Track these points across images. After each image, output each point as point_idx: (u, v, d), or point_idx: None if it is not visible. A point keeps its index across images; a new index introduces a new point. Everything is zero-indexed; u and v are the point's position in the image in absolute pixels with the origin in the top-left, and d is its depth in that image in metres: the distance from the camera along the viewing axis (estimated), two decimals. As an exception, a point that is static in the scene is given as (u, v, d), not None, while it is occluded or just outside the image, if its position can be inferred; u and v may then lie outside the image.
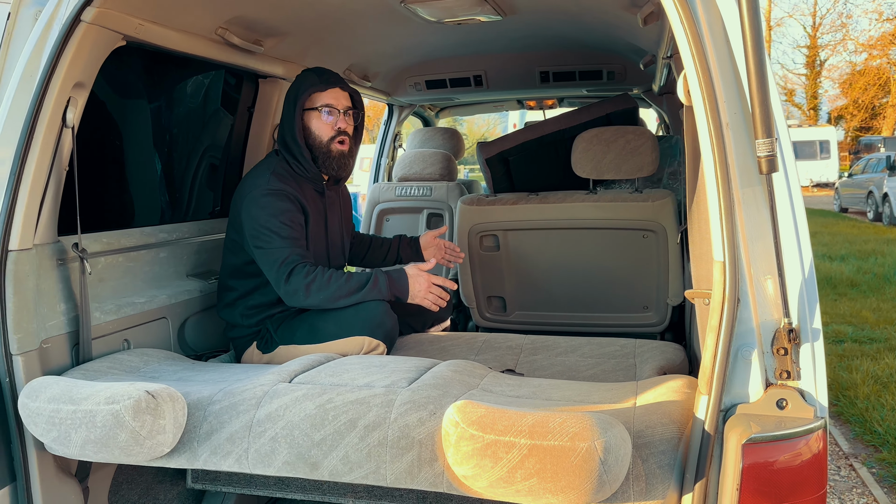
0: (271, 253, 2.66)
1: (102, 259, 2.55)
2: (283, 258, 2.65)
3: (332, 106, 2.85)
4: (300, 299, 2.65)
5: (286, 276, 2.63)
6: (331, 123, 2.85)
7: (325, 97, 2.85)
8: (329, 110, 2.85)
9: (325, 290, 2.63)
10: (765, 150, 1.53)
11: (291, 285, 2.63)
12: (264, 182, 2.74)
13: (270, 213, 2.68)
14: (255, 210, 2.69)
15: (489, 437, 1.59)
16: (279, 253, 2.65)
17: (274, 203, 2.70)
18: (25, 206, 2.13)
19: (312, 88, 2.83)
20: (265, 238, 2.66)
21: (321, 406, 1.92)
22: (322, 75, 2.87)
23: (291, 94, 2.86)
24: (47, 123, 2.16)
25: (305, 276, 2.63)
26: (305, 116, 2.85)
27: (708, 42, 1.72)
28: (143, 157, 3.08)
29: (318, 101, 2.85)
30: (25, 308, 2.13)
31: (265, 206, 2.69)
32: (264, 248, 2.67)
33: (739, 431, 1.56)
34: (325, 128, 2.85)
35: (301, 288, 2.62)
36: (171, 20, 2.56)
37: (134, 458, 1.89)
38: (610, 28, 3.38)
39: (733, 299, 1.61)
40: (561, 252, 3.67)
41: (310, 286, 2.62)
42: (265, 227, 2.67)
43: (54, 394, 1.89)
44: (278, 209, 2.69)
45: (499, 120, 30.57)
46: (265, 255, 2.67)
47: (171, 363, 2.50)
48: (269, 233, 2.66)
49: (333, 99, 2.86)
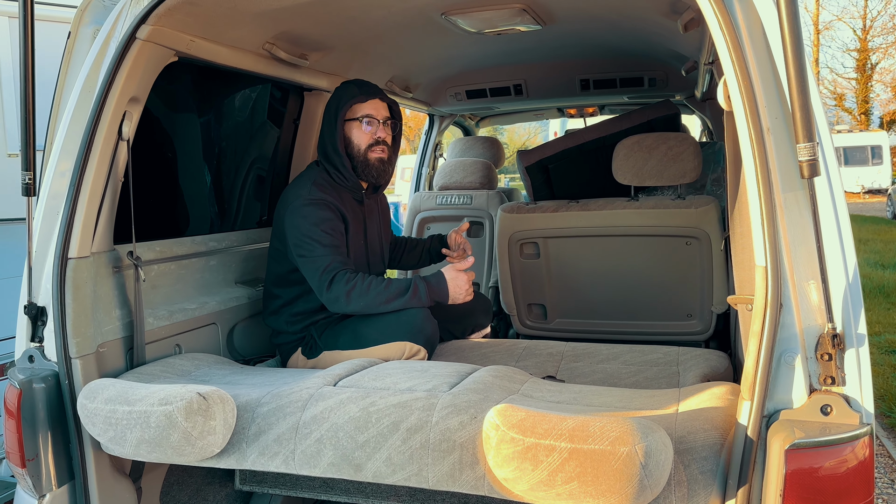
0: (313, 261, 2.73)
1: (155, 267, 2.65)
2: (324, 266, 2.72)
3: (372, 116, 2.93)
4: (342, 306, 2.71)
5: (328, 284, 2.70)
6: (370, 133, 2.93)
7: (365, 108, 2.93)
8: (369, 120, 2.92)
9: (366, 297, 2.69)
10: (806, 155, 1.52)
11: (333, 292, 2.70)
12: (305, 192, 2.82)
13: (312, 223, 2.76)
14: (297, 219, 2.77)
15: (529, 440, 1.61)
16: (321, 261, 2.73)
17: (315, 212, 2.77)
18: (84, 215, 2.23)
19: (353, 100, 2.91)
20: (307, 246, 2.74)
21: (364, 409, 1.96)
22: (362, 87, 2.95)
23: (332, 105, 2.94)
24: (104, 136, 2.26)
25: (346, 282, 2.69)
26: (346, 127, 2.93)
27: (748, 47, 1.72)
28: (194, 169, 3.18)
29: (358, 111, 2.93)
30: (84, 314, 2.22)
31: (307, 215, 2.77)
32: (306, 256, 2.74)
33: (783, 437, 1.55)
34: (364, 137, 2.92)
35: (342, 295, 2.69)
36: (220, 36, 2.65)
37: (185, 457, 1.96)
38: (650, 35, 3.38)
39: (776, 304, 1.60)
40: (602, 259, 3.66)
41: (350, 293, 2.69)
42: (307, 236, 2.74)
43: (111, 395, 1.97)
44: (319, 218, 2.77)
45: (539, 128, 30.51)
46: (307, 263, 2.74)
47: (220, 367, 2.57)
48: (310, 241, 2.74)
49: (373, 109, 2.94)
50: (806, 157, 1.53)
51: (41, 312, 2.23)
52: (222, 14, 2.48)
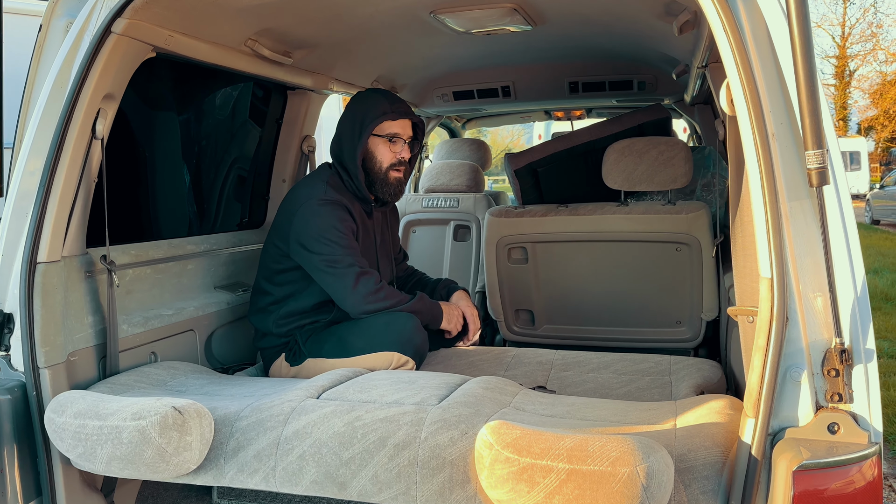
0: (335, 258, 2.66)
1: (130, 271, 2.54)
2: (348, 263, 2.66)
3: (399, 136, 2.87)
4: (369, 303, 2.66)
5: (354, 280, 2.65)
6: (395, 151, 2.87)
7: (395, 126, 2.86)
8: (396, 140, 2.86)
9: (389, 300, 2.69)
10: (816, 162, 1.46)
11: (363, 288, 2.65)
12: (320, 192, 2.74)
13: (330, 223, 2.68)
14: (314, 218, 2.69)
15: (525, 460, 1.53)
16: (345, 258, 2.66)
17: (332, 212, 2.70)
18: (54, 217, 2.12)
19: (385, 117, 2.83)
20: (325, 245, 2.66)
21: (350, 423, 1.88)
22: (394, 104, 2.87)
23: (358, 114, 2.85)
24: (77, 135, 2.15)
25: (377, 282, 2.68)
26: (371, 141, 2.85)
27: (752, 49, 1.65)
28: (171, 170, 3.07)
29: (387, 129, 2.85)
30: (53, 321, 2.11)
31: (324, 214, 2.69)
32: (324, 254, 2.66)
33: (790, 457, 1.48)
34: (388, 156, 2.87)
35: (371, 292, 2.65)
36: (200, 32, 2.55)
37: (160, 474, 1.86)
38: (642, 37, 3.32)
39: (782, 318, 1.54)
40: (591, 265, 3.60)
41: (378, 292, 2.67)
42: (324, 236, 2.66)
43: (80, 409, 1.87)
44: (337, 217, 2.70)
45: (523, 131, 30.50)
46: (324, 261, 2.66)
47: (197, 376, 2.47)
48: (328, 241, 2.66)
49: (401, 129, 2.88)
50: (815, 165, 1.46)
51: (8, 319, 2.12)
52: (203, 8, 2.38)
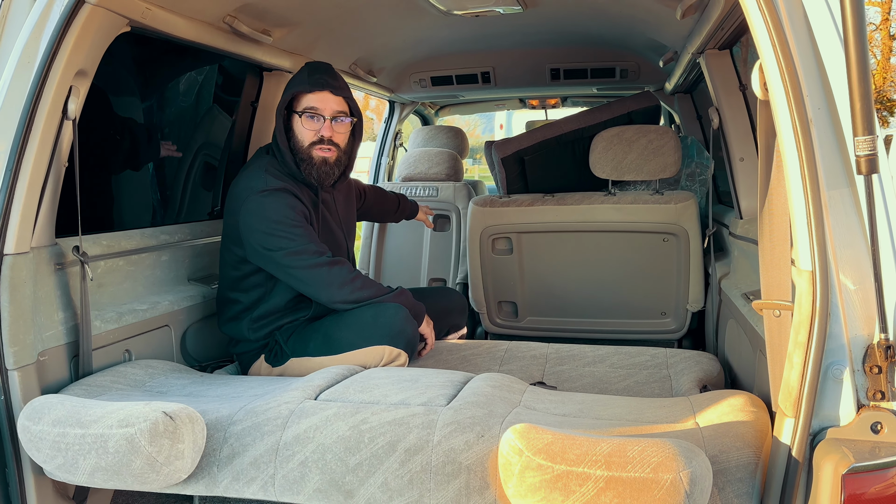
0: (297, 248, 2.46)
1: (102, 263, 2.35)
2: (312, 251, 2.48)
3: (316, 110, 2.59)
4: (347, 294, 2.51)
5: (326, 271, 2.48)
6: (313, 129, 2.59)
7: (310, 100, 2.58)
8: (312, 114, 2.59)
9: (369, 289, 2.55)
10: (866, 149, 1.38)
11: (337, 277, 2.50)
12: (260, 183, 2.52)
13: (280, 213, 2.48)
14: (261, 212, 2.48)
15: (560, 467, 1.43)
16: (308, 247, 2.48)
17: (278, 200, 2.49)
18: (23, 205, 1.93)
19: (298, 88, 2.58)
20: (282, 238, 2.45)
21: (355, 427, 1.75)
22: (313, 74, 2.61)
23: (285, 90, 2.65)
24: (47, 115, 1.96)
25: (350, 270, 2.54)
26: (293, 119, 2.62)
27: (787, 28, 1.57)
28: (142, 153, 2.88)
29: (302, 103, 2.59)
30: (22, 318, 1.92)
31: (269, 206, 2.48)
32: (284, 248, 2.46)
33: (836, 459, 1.41)
34: (306, 133, 2.59)
35: (347, 280, 2.51)
36: (178, 5, 2.37)
37: (149, 485, 1.70)
38: (634, 22, 3.24)
39: (824, 313, 1.46)
40: (577, 256, 3.52)
41: (355, 280, 2.53)
42: (277, 228, 2.46)
43: (59, 416, 1.69)
44: (286, 205, 2.50)
45: (479, 121, 30.24)
46: (287, 255, 2.46)
47: (178, 376, 2.31)
48: (283, 233, 2.46)
49: (319, 102, 2.58)
50: (865, 152, 1.38)
51: (-28, 317, 1.91)
52: (183, -21, 2.20)
